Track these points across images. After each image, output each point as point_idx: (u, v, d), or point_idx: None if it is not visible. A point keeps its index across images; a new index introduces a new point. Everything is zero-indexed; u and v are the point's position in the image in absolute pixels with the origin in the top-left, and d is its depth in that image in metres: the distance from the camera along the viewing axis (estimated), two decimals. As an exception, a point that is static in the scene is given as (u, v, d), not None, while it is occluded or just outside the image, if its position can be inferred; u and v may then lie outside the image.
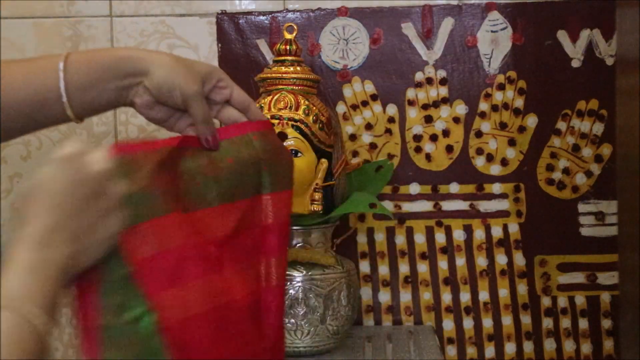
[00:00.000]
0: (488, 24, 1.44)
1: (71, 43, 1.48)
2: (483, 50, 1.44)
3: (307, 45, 1.45)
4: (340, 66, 1.46)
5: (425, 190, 1.46)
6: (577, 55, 1.43)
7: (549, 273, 1.44)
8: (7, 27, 1.48)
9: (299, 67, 1.26)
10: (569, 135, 1.44)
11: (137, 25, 1.48)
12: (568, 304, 1.44)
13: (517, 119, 1.44)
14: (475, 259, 1.45)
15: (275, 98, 1.22)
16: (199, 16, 1.48)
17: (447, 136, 1.45)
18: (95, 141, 1.47)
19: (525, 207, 1.45)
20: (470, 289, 1.45)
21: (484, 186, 1.45)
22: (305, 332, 1.22)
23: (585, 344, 1.44)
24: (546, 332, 1.44)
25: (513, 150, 1.44)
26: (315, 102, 1.25)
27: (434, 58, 1.45)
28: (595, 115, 1.43)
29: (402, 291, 1.46)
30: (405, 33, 1.45)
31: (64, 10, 1.48)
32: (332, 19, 1.45)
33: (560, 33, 1.43)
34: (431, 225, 1.46)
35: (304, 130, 1.21)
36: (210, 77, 0.87)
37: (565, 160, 1.44)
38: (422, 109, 1.45)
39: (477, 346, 1.45)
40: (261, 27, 1.46)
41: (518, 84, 1.44)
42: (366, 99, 1.45)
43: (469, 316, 1.45)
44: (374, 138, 1.46)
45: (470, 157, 1.45)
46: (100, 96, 0.85)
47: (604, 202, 1.43)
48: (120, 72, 0.84)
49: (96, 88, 0.84)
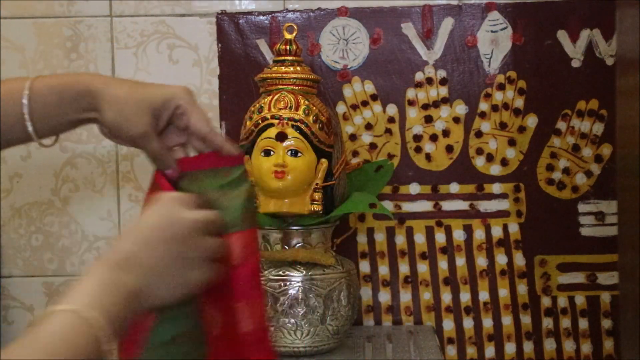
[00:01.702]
0: (488, 24, 1.44)
1: (71, 43, 1.48)
2: (483, 50, 1.44)
3: (307, 45, 1.45)
4: (340, 66, 1.46)
5: (425, 190, 1.46)
6: (577, 55, 1.43)
7: (549, 273, 1.44)
8: (7, 27, 1.48)
9: (299, 67, 1.26)
10: (569, 135, 1.44)
11: (137, 25, 1.48)
12: (568, 304, 1.44)
13: (517, 119, 1.44)
14: (475, 259, 1.45)
15: (275, 98, 1.22)
16: (199, 16, 1.48)
17: (447, 136, 1.45)
18: (96, 141, 1.47)
19: (525, 207, 1.45)
20: (470, 289, 1.45)
21: (484, 186, 1.45)
22: (305, 332, 1.22)
23: (585, 344, 1.44)
24: (546, 332, 1.44)
25: (513, 150, 1.44)
26: (315, 102, 1.25)
27: (434, 58, 1.45)
28: (595, 115, 1.43)
29: (402, 291, 1.46)
30: (405, 33, 1.45)
31: (64, 10, 1.48)
32: (332, 19, 1.45)
33: (560, 33, 1.43)
34: (431, 225, 1.46)
35: (304, 130, 1.21)
36: (167, 105, 0.85)
37: (565, 160, 1.44)
38: (422, 109, 1.45)
39: (477, 346, 1.45)
40: (261, 27, 1.46)
41: (518, 84, 1.44)
42: (366, 99, 1.45)
43: (469, 316, 1.45)
44: (374, 138, 1.45)
45: (470, 157, 1.45)
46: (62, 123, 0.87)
47: (604, 202, 1.43)
48: (79, 106, 0.86)
49: (57, 117, 0.87)
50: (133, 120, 0.83)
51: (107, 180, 1.49)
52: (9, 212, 1.50)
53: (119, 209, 1.49)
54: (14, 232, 1.50)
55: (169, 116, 0.85)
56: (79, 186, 1.50)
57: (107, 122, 0.85)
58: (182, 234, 0.72)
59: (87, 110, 0.86)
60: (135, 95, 0.85)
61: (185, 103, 0.85)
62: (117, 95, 0.84)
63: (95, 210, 1.50)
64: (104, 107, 0.84)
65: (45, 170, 1.49)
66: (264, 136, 1.21)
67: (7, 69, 1.47)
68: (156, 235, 0.71)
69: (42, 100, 0.86)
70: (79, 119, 0.86)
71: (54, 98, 0.86)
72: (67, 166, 1.49)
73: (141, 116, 0.83)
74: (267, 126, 1.21)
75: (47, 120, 0.86)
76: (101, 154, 1.49)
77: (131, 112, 0.83)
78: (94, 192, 1.49)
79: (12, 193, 1.50)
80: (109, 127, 0.85)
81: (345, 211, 1.25)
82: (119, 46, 1.48)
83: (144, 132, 0.84)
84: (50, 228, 1.50)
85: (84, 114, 0.86)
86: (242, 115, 1.28)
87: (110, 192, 1.49)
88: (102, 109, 0.84)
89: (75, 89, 0.86)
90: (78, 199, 1.50)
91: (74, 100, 0.85)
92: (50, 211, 1.50)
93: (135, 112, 0.83)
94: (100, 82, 0.86)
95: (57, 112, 0.86)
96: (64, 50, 1.48)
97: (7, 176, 1.49)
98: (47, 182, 1.50)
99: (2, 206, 1.49)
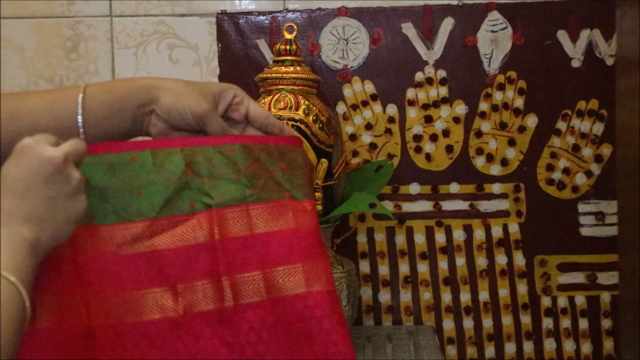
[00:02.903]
0: (488, 24, 1.44)
1: (71, 43, 1.48)
2: (483, 50, 1.44)
3: (307, 45, 1.45)
4: (340, 66, 1.46)
5: (425, 190, 1.46)
6: (577, 55, 1.43)
7: (549, 273, 1.44)
8: (7, 27, 1.48)
9: (299, 67, 1.26)
10: (569, 135, 1.44)
11: (137, 25, 1.48)
12: (568, 304, 1.44)
13: (517, 119, 1.44)
14: (475, 259, 1.45)
15: (275, 98, 1.22)
16: (199, 16, 1.48)
17: (447, 136, 1.45)
18: (95, 141, 1.47)
19: (525, 207, 1.45)
20: (470, 289, 1.45)
21: (484, 186, 1.45)
22: (305, 332, 1.22)
23: (585, 344, 1.44)
24: (546, 332, 1.44)
25: (513, 150, 1.44)
26: (315, 102, 1.25)
27: (434, 58, 1.45)
28: (595, 115, 1.43)
29: (402, 291, 1.46)
30: (405, 33, 1.45)
31: (64, 10, 1.48)
32: (332, 19, 1.45)
33: (560, 33, 1.43)
34: (431, 225, 1.46)
35: (304, 130, 1.21)
36: (224, 95, 0.88)
37: (565, 160, 1.44)
38: (422, 109, 1.45)
39: (477, 346, 1.45)
40: (261, 27, 1.46)
41: (518, 84, 1.44)
42: (366, 99, 1.45)
43: (469, 316, 1.45)
44: (374, 138, 1.46)
45: (470, 157, 1.45)
46: (116, 126, 0.87)
47: (604, 202, 1.43)
48: (135, 102, 0.87)
49: (113, 118, 0.87)
50: (196, 99, 0.86)
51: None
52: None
53: (119, 209, 1.49)
54: None
55: (227, 105, 0.88)
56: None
57: (168, 107, 0.85)
58: (50, 173, 0.72)
59: (142, 105, 0.86)
60: (193, 84, 0.87)
61: (242, 93, 0.88)
62: (176, 85, 0.87)
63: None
64: (162, 95, 0.86)
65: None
66: (264, 136, 1.21)
67: (7, 69, 1.47)
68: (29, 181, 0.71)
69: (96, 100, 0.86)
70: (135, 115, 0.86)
71: (110, 97, 0.86)
72: (67, 166, 1.49)
73: (203, 98, 0.86)
74: (267, 126, 1.21)
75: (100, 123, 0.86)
76: (101, 154, 1.49)
77: (192, 94, 0.86)
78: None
79: (12, 193, 1.50)
80: (169, 114, 0.86)
81: (345, 211, 1.25)
82: (119, 46, 1.48)
83: (207, 109, 0.86)
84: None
85: (140, 109, 0.86)
86: (242, 115, 1.28)
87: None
88: (160, 98, 0.85)
89: (132, 87, 0.87)
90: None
91: (131, 96, 0.86)
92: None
93: (197, 96, 0.86)
94: (155, 79, 0.88)
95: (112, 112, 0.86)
96: (64, 50, 1.48)
97: (7, 176, 1.49)
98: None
99: (2, 206, 1.49)
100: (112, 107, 0.86)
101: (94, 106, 0.86)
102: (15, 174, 0.71)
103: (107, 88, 0.88)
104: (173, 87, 0.86)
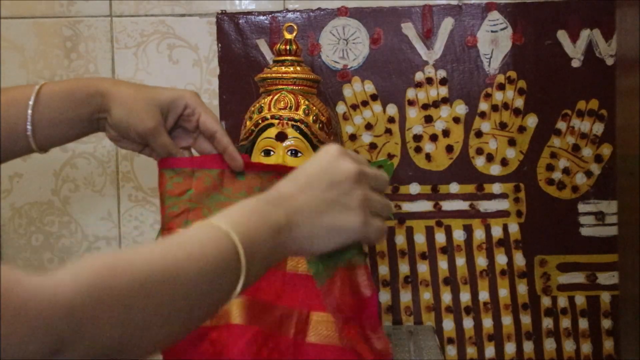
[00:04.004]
0: (488, 24, 1.44)
1: (71, 43, 1.48)
2: (483, 50, 1.44)
3: (307, 45, 1.45)
4: (340, 66, 1.46)
5: (425, 190, 1.46)
6: (577, 55, 1.43)
7: (549, 273, 1.44)
8: (7, 27, 1.48)
9: (299, 67, 1.26)
10: (569, 135, 1.44)
11: (137, 25, 1.48)
12: (568, 304, 1.44)
13: (517, 119, 1.44)
14: (475, 259, 1.45)
15: (275, 98, 1.22)
16: (199, 16, 1.48)
17: (447, 136, 1.45)
18: (96, 140, 1.47)
19: (525, 207, 1.45)
20: (470, 289, 1.45)
21: (484, 186, 1.45)
22: (305, 332, 1.22)
23: (585, 344, 1.44)
24: (546, 332, 1.44)
25: (513, 150, 1.44)
26: (315, 102, 1.25)
27: (434, 58, 1.45)
28: (595, 115, 1.43)
29: (402, 291, 1.46)
30: (405, 33, 1.45)
31: (64, 10, 1.48)
32: (332, 19, 1.45)
33: (560, 33, 1.43)
34: (431, 225, 1.46)
35: (304, 130, 1.21)
36: (174, 105, 0.88)
37: (565, 160, 1.44)
38: (422, 109, 1.45)
39: (477, 346, 1.45)
40: (261, 27, 1.46)
41: (518, 84, 1.44)
42: (366, 99, 1.45)
43: (469, 316, 1.45)
44: (374, 138, 1.46)
45: (470, 157, 1.45)
46: (70, 129, 0.88)
47: (604, 202, 1.43)
48: (90, 108, 0.87)
49: (67, 123, 0.87)
50: (143, 117, 0.85)
51: (107, 180, 1.49)
52: (9, 212, 1.50)
53: (119, 209, 1.49)
54: (14, 232, 1.50)
55: (177, 116, 0.87)
56: (79, 186, 1.50)
57: (116, 121, 0.86)
58: (339, 181, 0.72)
59: (96, 112, 0.87)
60: (144, 94, 0.87)
61: (194, 103, 0.87)
62: (127, 95, 0.86)
63: (95, 210, 1.50)
64: (114, 106, 0.85)
65: (45, 170, 1.50)
66: (264, 136, 1.21)
67: (7, 69, 1.47)
68: (313, 181, 0.71)
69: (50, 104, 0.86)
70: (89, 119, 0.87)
71: (65, 102, 0.86)
72: (67, 166, 1.49)
73: (150, 113, 0.85)
74: (267, 126, 1.21)
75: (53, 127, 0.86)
76: (101, 154, 1.49)
77: (141, 110, 0.85)
78: (94, 192, 1.49)
79: (12, 193, 1.50)
80: (117, 127, 0.86)
81: (345, 211, 1.25)
82: (118, 46, 1.48)
83: (153, 127, 0.85)
84: (50, 228, 1.50)
85: (94, 115, 0.87)
86: (242, 115, 1.28)
87: (110, 192, 1.49)
88: (112, 109, 0.85)
89: (84, 92, 0.87)
90: (78, 199, 1.50)
91: (84, 102, 0.86)
92: (50, 211, 1.50)
93: (145, 109, 0.85)
94: (109, 83, 0.88)
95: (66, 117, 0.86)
96: (64, 50, 1.48)
97: (7, 176, 1.49)
98: (47, 182, 1.50)
99: (2, 206, 1.49)
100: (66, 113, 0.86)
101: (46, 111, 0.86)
102: (307, 167, 0.73)
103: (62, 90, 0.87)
104: (125, 99, 0.86)
